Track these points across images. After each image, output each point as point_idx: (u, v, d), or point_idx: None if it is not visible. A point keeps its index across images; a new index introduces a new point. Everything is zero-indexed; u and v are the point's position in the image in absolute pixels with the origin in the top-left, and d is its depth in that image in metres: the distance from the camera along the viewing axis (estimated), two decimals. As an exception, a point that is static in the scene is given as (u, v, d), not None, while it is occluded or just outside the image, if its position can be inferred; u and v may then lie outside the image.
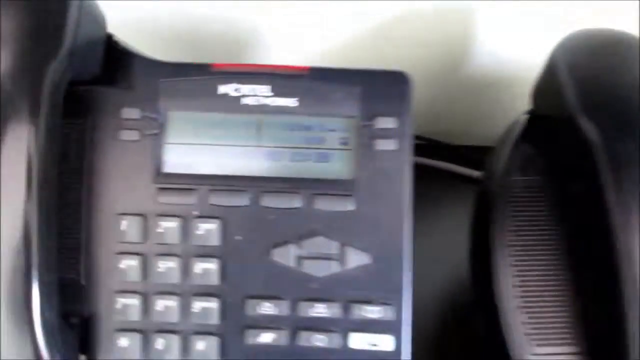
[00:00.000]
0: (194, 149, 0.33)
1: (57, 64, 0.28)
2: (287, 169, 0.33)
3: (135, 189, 0.32)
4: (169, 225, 0.32)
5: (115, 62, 0.33)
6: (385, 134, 0.33)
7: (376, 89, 0.33)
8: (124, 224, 0.32)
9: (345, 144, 0.34)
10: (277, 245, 0.32)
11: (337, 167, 0.33)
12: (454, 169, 0.49)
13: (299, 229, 0.32)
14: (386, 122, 0.33)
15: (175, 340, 0.31)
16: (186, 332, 0.31)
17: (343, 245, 0.32)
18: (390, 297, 0.31)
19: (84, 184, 0.32)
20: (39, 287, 0.26)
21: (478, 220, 0.36)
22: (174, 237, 0.32)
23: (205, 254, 0.32)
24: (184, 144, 0.34)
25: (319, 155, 0.33)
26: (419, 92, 0.33)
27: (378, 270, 0.31)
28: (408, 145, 0.33)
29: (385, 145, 0.33)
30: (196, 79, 0.33)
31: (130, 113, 0.33)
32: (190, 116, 0.33)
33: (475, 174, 0.47)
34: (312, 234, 0.32)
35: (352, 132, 0.33)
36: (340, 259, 0.32)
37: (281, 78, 0.33)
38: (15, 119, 0.27)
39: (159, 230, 0.32)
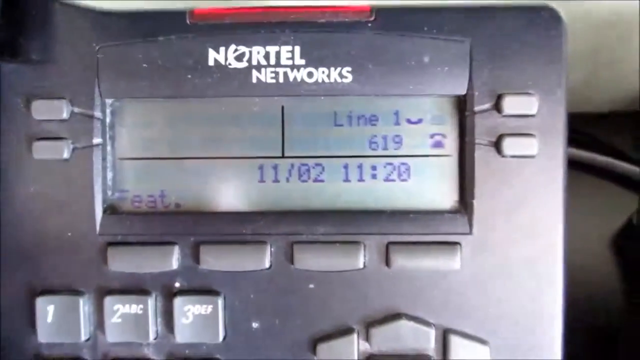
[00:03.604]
0: (168, 169, 0.23)
1: None
2: (335, 196, 0.22)
3: (68, 248, 0.22)
4: (129, 311, 0.22)
5: (18, 13, 0.22)
6: (519, 126, 0.22)
7: (500, 41, 0.22)
8: (50, 310, 0.22)
9: (440, 146, 0.22)
10: (325, 337, 0.22)
11: (427, 190, 0.22)
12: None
13: (363, 306, 0.22)
14: (521, 105, 0.21)
15: None
16: None
17: (445, 332, 0.22)
18: None
19: None
20: None
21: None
22: (139, 330, 0.22)
23: (199, 356, 0.22)
24: (149, 160, 0.23)
25: (393, 168, 0.22)
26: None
27: None
28: (560, 146, 0.22)
29: (519, 147, 0.22)
30: (165, 40, 0.22)
31: (48, 109, 0.22)
32: (157, 108, 0.22)
33: (600, 159, 0.38)
34: (388, 314, 0.22)
35: (454, 125, 0.22)
36: (440, 355, 0.22)
37: (320, 31, 0.22)
38: None
39: (113, 319, 0.22)
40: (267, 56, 0.21)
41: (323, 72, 0.21)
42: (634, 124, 0.40)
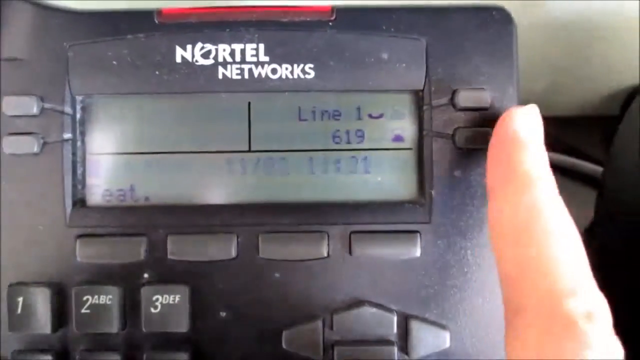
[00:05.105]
0: (138, 164, 0.23)
1: None
2: (300, 189, 0.23)
3: (38, 239, 0.22)
4: (100, 301, 0.22)
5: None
6: (474, 119, 0.22)
7: (454, 39, 0.23)
8: (19, 301, 0.22)
9: (400, 139, 0.23)
10: (290, 323, 0.22)
11: (388, 182, 0.23)
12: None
13: (327, 294, 0.22)
14: (474, 99, 0.22)
15: None
16: None
17: (406, 318, 0.22)
18: None
19: None
20: None
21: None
22: (107, 321, 0.22)
23: (167, 345, 0.22)
24: (119, 155, 0.23)
25: (355, 162, 0.23)
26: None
27: None
28: (513, 138, 0.23)
29: (474, 139, 0.22)
30: (134, 38, 0.22)
31: (19, 105, 0.22)
32: (127, 104, 0.23)
33: (568, 160, 0.40)
34: (351, 302, 0.22)
35: (413, 119, 0.23)
36: (402, 341, 0.22)
37: (283, 30, 0.22)
38: None
39: (82, 310, 0.22)
40: (232, 53, 0.22)
41: (286, 69, 0.22)
42: (601, 128, 0.42)
